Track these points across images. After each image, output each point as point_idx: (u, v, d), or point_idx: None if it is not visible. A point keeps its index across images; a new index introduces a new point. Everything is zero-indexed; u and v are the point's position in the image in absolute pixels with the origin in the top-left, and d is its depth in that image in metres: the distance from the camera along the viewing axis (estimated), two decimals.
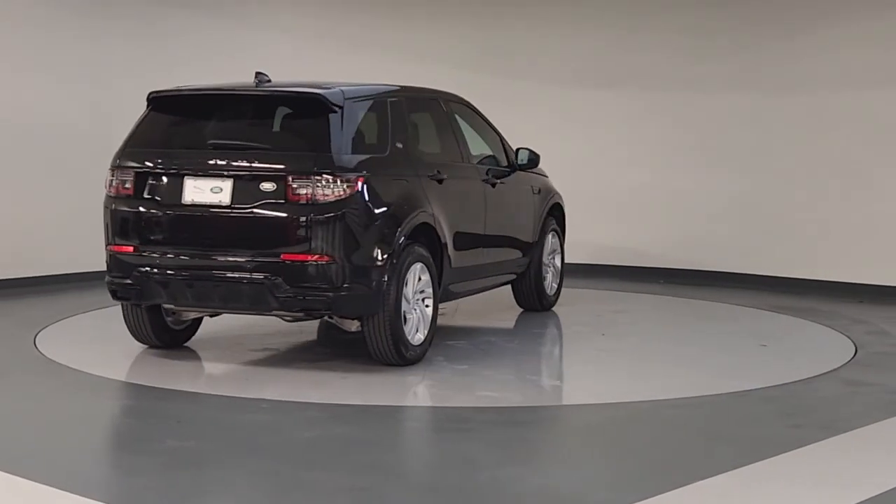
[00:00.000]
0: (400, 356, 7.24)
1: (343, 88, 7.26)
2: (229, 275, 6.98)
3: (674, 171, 11.69)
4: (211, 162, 7.07)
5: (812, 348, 8.49)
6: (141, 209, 7.19)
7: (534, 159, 9.10)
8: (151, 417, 6.23)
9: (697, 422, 6.38)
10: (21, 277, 10.39)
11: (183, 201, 7.07)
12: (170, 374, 7.19)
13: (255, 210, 6.93)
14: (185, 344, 8.01)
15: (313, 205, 6.84)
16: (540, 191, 9.46)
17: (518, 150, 9.11)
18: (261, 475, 5.23)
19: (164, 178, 7.17)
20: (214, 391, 6.81)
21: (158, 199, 7.16)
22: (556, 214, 9.79)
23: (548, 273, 9.61)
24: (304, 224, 6.85)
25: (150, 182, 7.19)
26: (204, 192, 7.03)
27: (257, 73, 7.52)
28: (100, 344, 8.15)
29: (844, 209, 10.89)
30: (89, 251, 8.89)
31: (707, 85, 11.62)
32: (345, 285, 6.91)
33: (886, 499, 4.93)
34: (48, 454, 5.60)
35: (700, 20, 11.61)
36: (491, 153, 8.98)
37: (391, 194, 7.24)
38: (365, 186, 6.97)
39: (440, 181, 7.80)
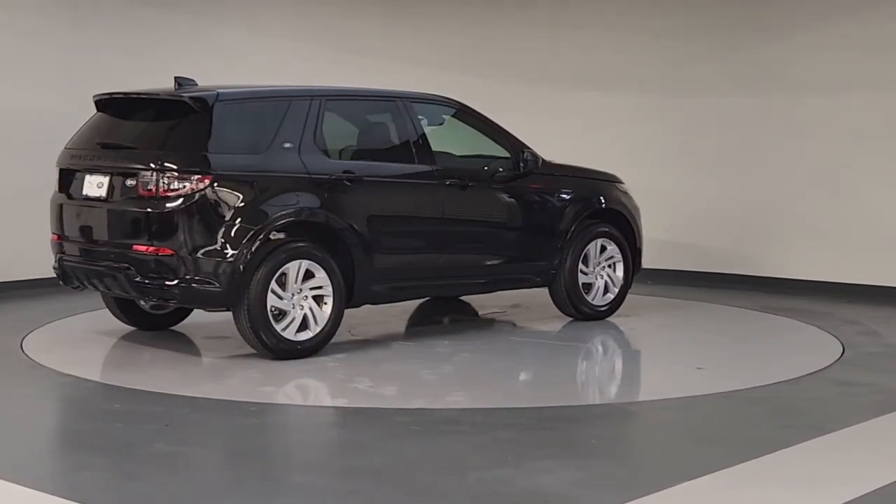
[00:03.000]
0: (266, 348, 7.47)
1: (223, 91, 7.67)
2: (105, 263, 7.59)
3: (664, 172, 11.69)
4: (97, 160, 7.76)
5: (801, 348, 8.50)
6: (61, 202, 8.00)
7: (533, 162, 8.88)
8: (140, 421, 6.20)
9: (686, 422, 6.38)
10: (8, 281, 10.36)
11: (81, 195, 7.79)
12: (159, 377, 7.18)
13: (120, 204, 7.53)
14: (183, 341, 8.05)
15: (159, 200, 7.29)
16: (572, 195, 9.13)
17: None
18: (250, 479, 5.22)
19: (73, 175, 7.90)
20: (202, 394, 6.78)
21: (70, 193, 7.92)
22: (617, 221, 9.38)
23: (596, 281, 9.22)
24: (151, 218, 7.33)
25: (67, 178, 7.95)
26: (93, 187, 7.70)
27: (176, 78, 7.90)
28: (87, 347, 8.13)
29: (834, 210, 10.90)
30: None
31: (696, 87, 11.63)
32: (192, 278, 7.28)
33: (875, 497, 4.94)
34: (35, 459, 5.59)
35: (688, 23, 11.63)
36: (491, 157, 8.88)
37: (256, 192, 7.45)
38: (215, 184, 7.29)
39: (351, 181, 7.86)
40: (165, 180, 7.29)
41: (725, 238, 11.56)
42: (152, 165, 7.35)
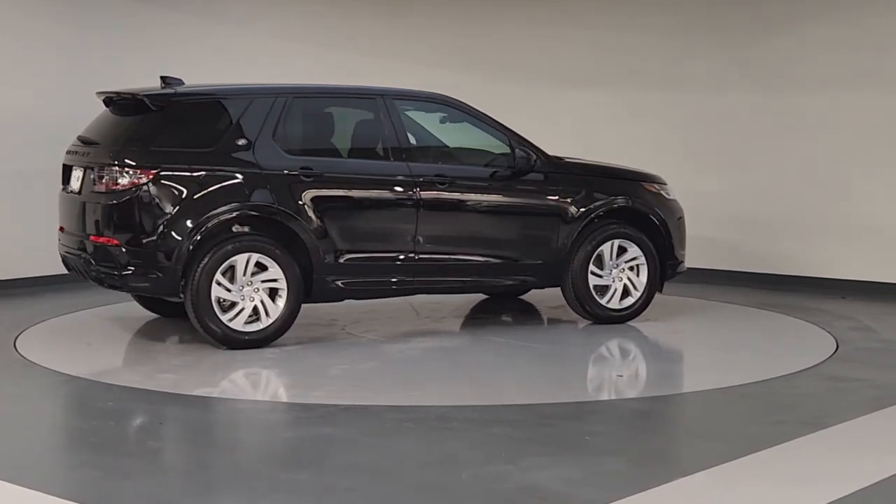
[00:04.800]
0: (213, 337, 7.75)
1: (180, 90, 8.07)
2: (78, 252, 8.03)
3: (661, 169, 11.61)
4: (77, 155, 8.17)
5: (795, 344, 8.50)
6: (60, 195, 8.43)
7: (525, 159, 8.65)
8: (133, 419, 6.21)
9: (679, 419, 6.39)
10: (1, 280, 10.35)
11: (69, 188, 8.22)
12: (152, 375, 7.18)
13: (85, 196, 7.95)
14: (169, 340, 8.08)
15: (108, 193, 7.71)
16: (581, 193, 8.76)
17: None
18: (242, 476, 5.22)
19: (66, 169, 8.32)
20: (195, 392, 6.78)
21: (64, 186, 8.34)
22: (642, 222, 8.99)
23: (613, 284, 8.84)
24: (101, 210, 7.77)
25: (66, 172, 8.34)
26: (75, 180, 8.13)
27: (163, 78, 8.23)
28: (80, 345, 8.12)
29: (830, 206, 10.92)
30: None
31: (691, 85, 11.64)
32: (137, 267, 7.67)
33: (869, 494, 4.95)
34: (28, 457, 5.57)
35: (689, 21, 11.65)
36: (489, 155, 8.76)
37: (201, 186, 7.72)
38: (157, 178, 7.64)
39: (309, 177, 7.94)
40: (114, 174, 7.69)
41: (721, 234, 11.56)
42: (103, 160, 7.79)
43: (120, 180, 7.65)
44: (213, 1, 11.90)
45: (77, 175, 8.07)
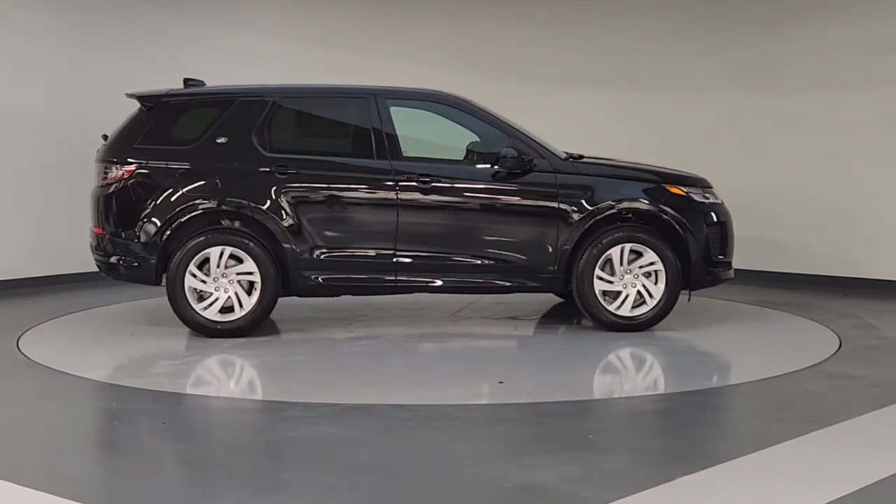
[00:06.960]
0: (187, 325, 8.21)
1: (173, 90, 8.51)
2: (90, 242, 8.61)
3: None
4: (98, 152, 8.60)
5: (798, 342, 8.50)
6: None
7: (515, 160, 8.46)
8: (137, 419, 6.21)
9: (680, 417, 6.38)
10: (4, 280, 10.36)
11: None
12: (154, 375, 7.19)
13: (94, 190, 8.48)
14: (174, 339, 8.11)
15: (101, 187, 8.35)
16: (586, 196, 8.45)
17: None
18: (247, 476, 5.22)
19: None
20: (198, 391, 6.80)
21: None
22: (664, 227, 8.58)
23: (625, 290, 8.49)
24: (95, 202, 8.41)
25: None
26: None
27: (185, 80, 8.70)
28: (84, 346, 8.13)
29: (831, 204, 10.94)
30: (77, 252, 8.94)
31: (691, 85, 11.66)
32: (119, 256, 8.28)
33: (871, 492, 4.95)
34: (32, 458, 5.58)
35: (688, 20, 11.66)
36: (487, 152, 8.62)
37: (177, 181, 8.21)
38: (138, 173, 8.21)
39: (284, 174, 8.20)
40: (105, 169, 8.32)
41: None
42: (100, 156, 8.40)
43: (108, 175, 8.27)
44: (213, 1, 11.92)
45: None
